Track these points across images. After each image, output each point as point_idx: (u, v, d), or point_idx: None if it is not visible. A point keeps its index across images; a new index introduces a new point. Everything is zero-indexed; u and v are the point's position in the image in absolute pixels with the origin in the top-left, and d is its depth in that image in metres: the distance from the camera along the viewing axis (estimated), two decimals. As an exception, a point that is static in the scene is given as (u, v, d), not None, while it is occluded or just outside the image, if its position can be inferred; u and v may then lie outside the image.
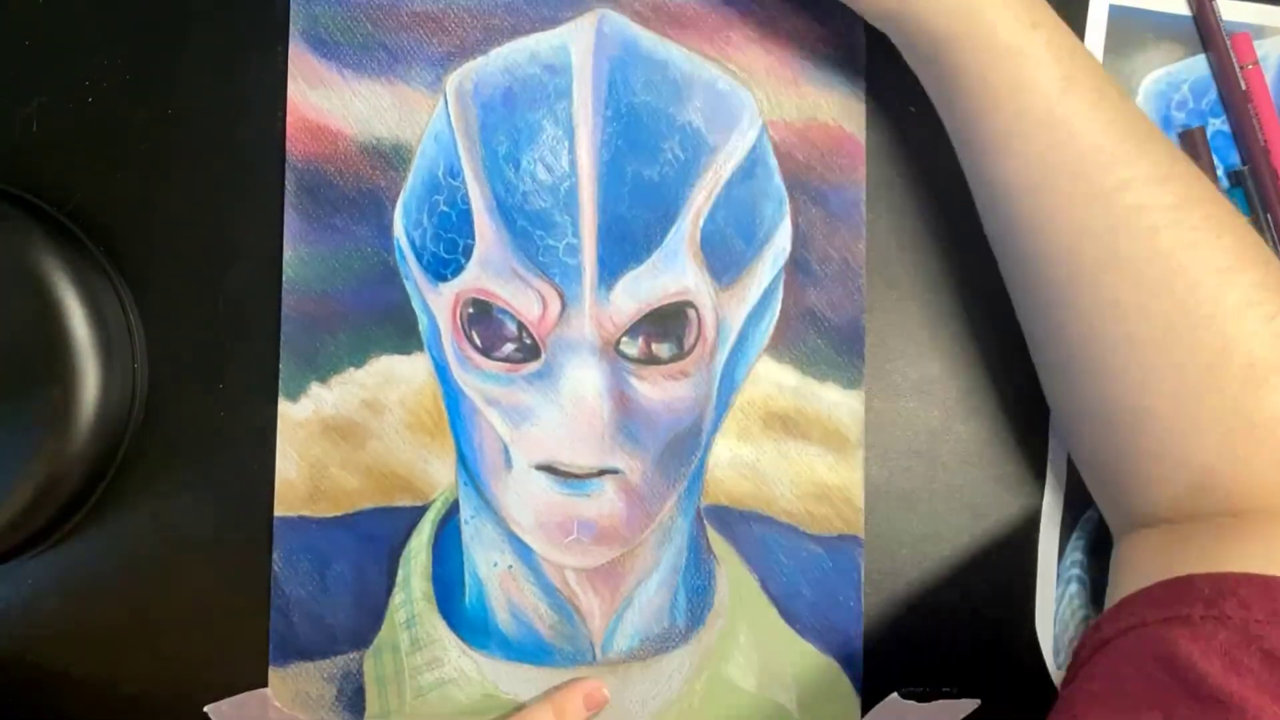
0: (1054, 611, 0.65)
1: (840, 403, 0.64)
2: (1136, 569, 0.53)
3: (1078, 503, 0.65)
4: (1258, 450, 0.51)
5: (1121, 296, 0.52)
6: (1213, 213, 0.52)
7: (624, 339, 0.63)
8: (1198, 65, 0.67)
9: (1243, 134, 0.65)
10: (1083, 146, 0.52)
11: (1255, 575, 0.47)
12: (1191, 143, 0.66)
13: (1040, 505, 0.65)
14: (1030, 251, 0.55)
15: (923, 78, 0.59)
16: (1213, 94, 0.67)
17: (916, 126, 0.65)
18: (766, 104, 0.64)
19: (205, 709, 0.63)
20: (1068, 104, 0.52)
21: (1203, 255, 0.51)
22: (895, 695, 0.64)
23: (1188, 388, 0.51)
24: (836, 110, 0.64)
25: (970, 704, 0.64)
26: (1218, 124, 0.67)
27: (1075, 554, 0.65)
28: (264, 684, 0.63)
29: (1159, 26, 0.66)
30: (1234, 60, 0.65)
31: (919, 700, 0.64)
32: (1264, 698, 0.43)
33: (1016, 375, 0.65)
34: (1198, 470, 0.52)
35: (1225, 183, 0.66)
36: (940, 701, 0.64)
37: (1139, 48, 0.67)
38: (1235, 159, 0.66)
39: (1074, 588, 0.65)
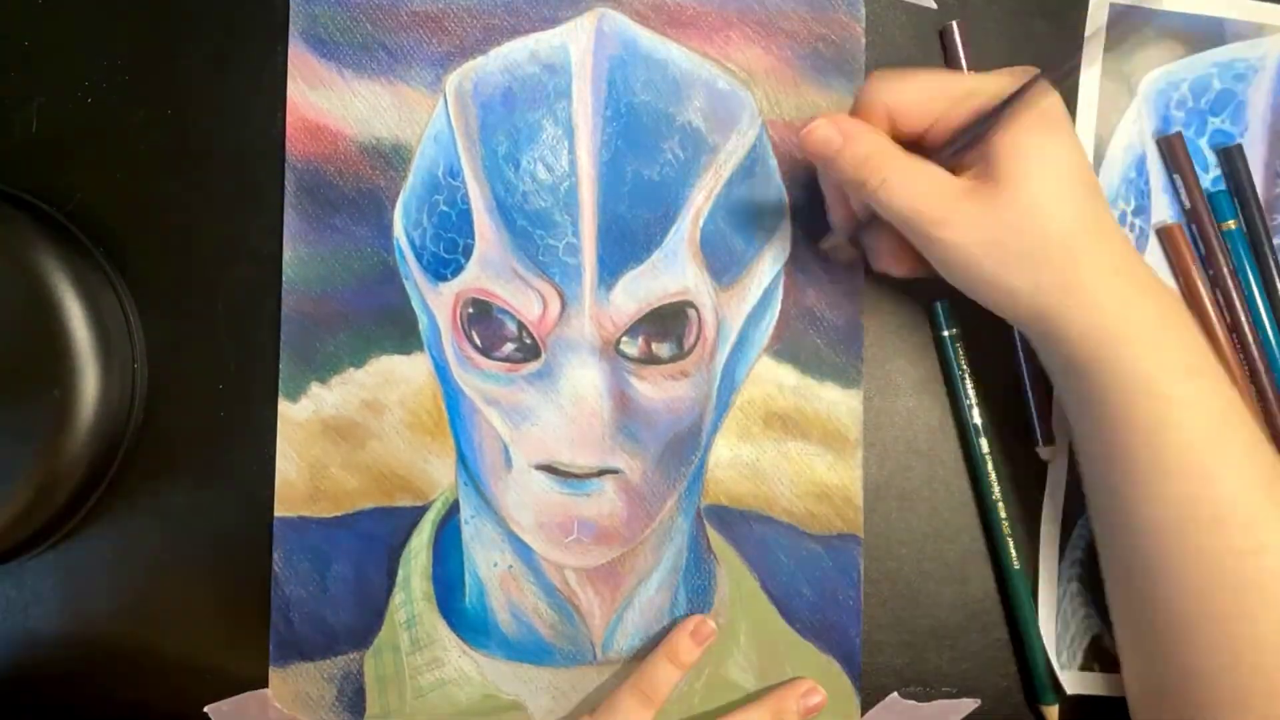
0: (1054, 611, 0.65)
1: (840, 402, 0.64)
2: None
3: (1077, 503, 0.65)
4: None
5: (1245, 653, 0.51)
6: None
7: (624, 339, 0.63)
8: (1197, 64, 0.67)
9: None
10: (1224, 503, 0.51)
11: None
12: (1170, 150, 0.66)
13: (1041, 505, 0.65)
14: (1151, 594, 0.54)
15: (1057, 386, 0.57)
16: (1212, 93, 0.67)
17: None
18: (766, 103, 0.64)
19: (205, 709, 0.63)
20: (1212, 460, 0.51)
21: None
22: (895, 695, 0.64)
23: None
24: (836, 110, 0.64)
25: (970, 704, 0.64)
26: (1216, 122, 0.67)
27: (1075, 553, 0.65)
28: (264, 684, 0.63)
29: (1159, 25, 0.66)
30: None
31: (919, 700, 0.64)
32: None
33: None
34: None
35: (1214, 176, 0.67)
36: (940, 701, 0.64)
37: (1139, 46, 0.67)
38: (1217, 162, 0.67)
39: (1074, 587, 0.65)
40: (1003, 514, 0.64)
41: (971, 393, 0.64)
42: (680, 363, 0.63)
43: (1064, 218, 0.51)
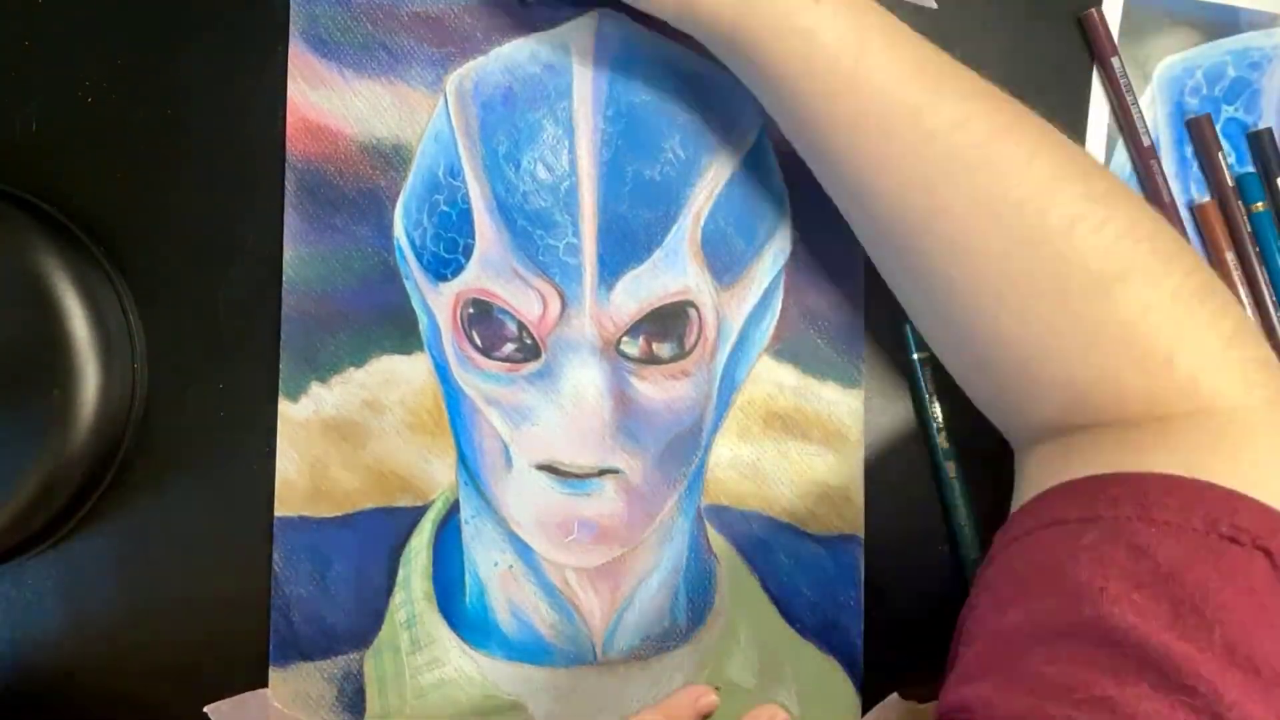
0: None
1: (840, 402, 0.64)
2: (1031, 481, 0.54)
3: None
4: (1116, 360, 0.51)
5: (955, 239, 0.52)
6: (1021, 139, 0.52)
7: (624, 339, 0.63)
8: (1212, 51, 0.67)
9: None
10: (885, 108, 0.52)
11: (1126, 474, 0.48)
12: (1199, 131, 0.66)
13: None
14: (865, 210, 0.56)
15: (729, 66, 0.59)
16: (1226, 80, 0.67)
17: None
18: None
19: (205, 709, 0.63)
20: (862, 71, 0.52)
21: (1018, 183, 0.51)
22: (895, 695, 0.64)
23: (1035, 310, 0.52)
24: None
25: (970, 704, 0.64)
26: (1231, 110, 0.67)
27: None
28: (264, 684, 0.63)
29: (1174, 12, 0.67)
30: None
31: (919, 700, 0.64)
32: (1125, 584, 0.44)
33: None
34: (1065, 387, 0.52)
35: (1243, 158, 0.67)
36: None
37: (1154, 33, 0.67)
38: (1245, 148, 0.67)
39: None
40: (969, 535, 0.64)
41: (940, 416, 0.64)
42: (681, 362, 0.63)
43: None
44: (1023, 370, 0.54)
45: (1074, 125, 0.66)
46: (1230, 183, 0.65)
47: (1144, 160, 0.65)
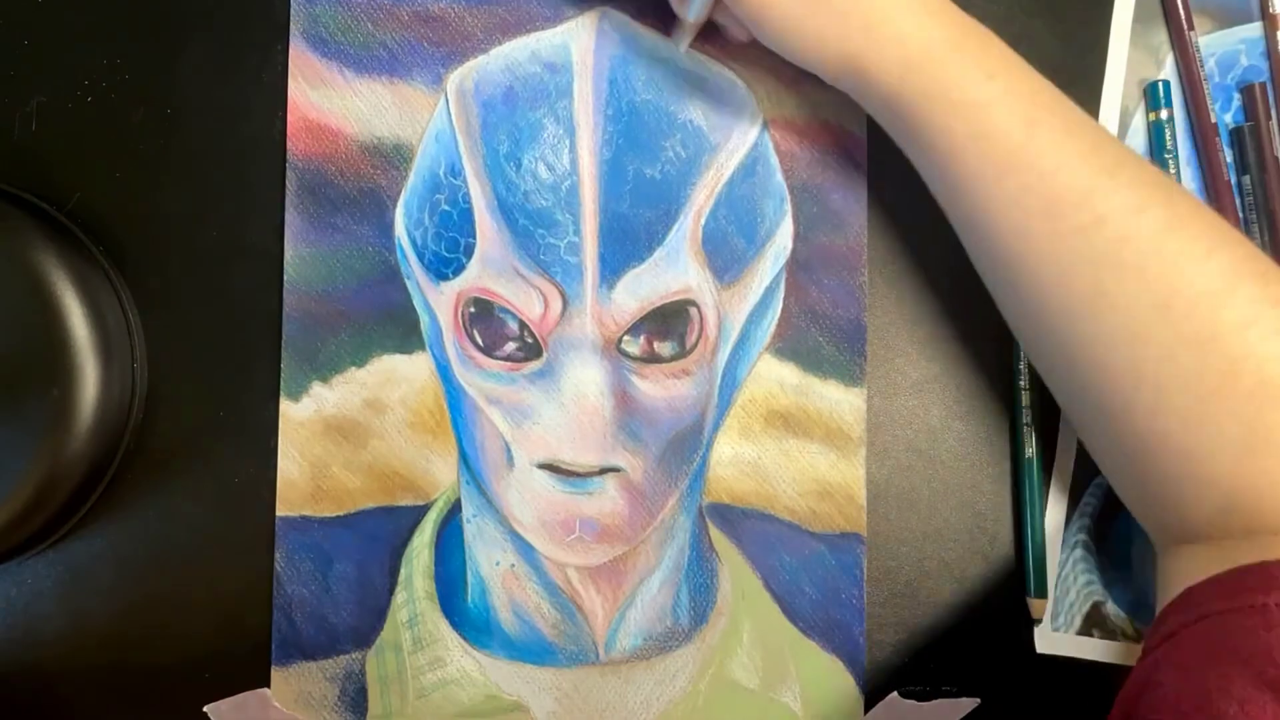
0: (1056, 577, 0.64)
1: (842, 400, 0.64)
2: (1183, 579, 0.52)
3: (1087, 470, 0.65)
4: (1278, 467, 0.50)
5: (1118, 328, 0.51)
6: (1199, 233, 0.51)
7: (625, 337, 0.63)
8: (1225, 39, 0.67)
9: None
10: (1054, 186, 0.52)
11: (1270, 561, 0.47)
12: (1251, 98, 0.66)
13: (1045, 506, 0.65)
14: (1021, 291, 0.55)
15: (886, 128, 0.58)
16: (1239, 68, 0.67)
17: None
18: (768, 101, 0.64)
19: (205, 709, 0.63)
20: (1032, 150, 0.52)
21: (1193, 279, 0.50)
22: (895, 695, 0.64)
23: (1199, 411, 0.50)
24: (837, 108, 0.64)
25: (970, 703, 0.64)
26: (1239, 101, 0.67)
27: (1083, 520, 0.65)
28: (266, 684, 0.63)
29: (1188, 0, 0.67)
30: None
31: (919, 700, 0.64)
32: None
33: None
34: (1223, 491, 0.51)
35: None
36: (940, 700, 0.64)
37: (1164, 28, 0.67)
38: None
39: (1079, 553, 0.65)
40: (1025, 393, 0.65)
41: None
42: (682, 361, 0.63)
43: None
44: (1179, 469, 0.52)
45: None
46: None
47: (1207, 138, 0.66)
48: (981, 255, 0.57)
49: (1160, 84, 0.65)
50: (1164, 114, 0.65)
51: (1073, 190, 0.51)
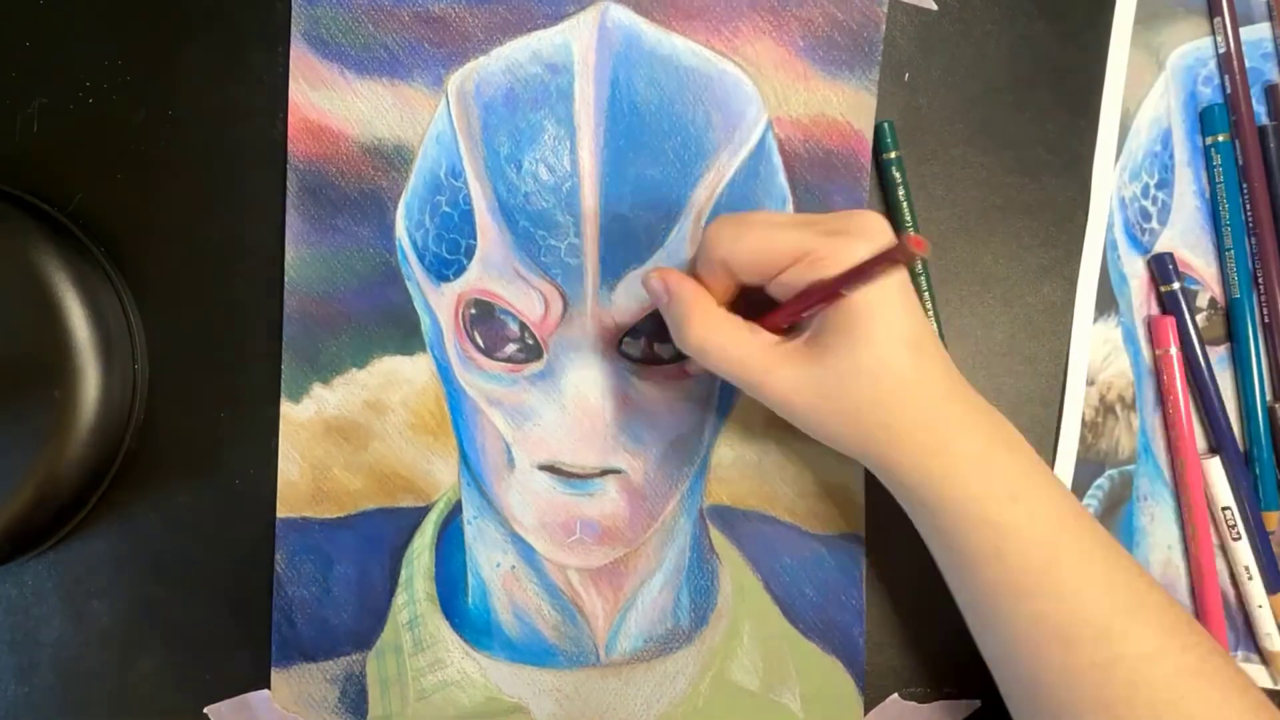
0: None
1: (842, 402, 0.64)
2: None
3: (1086, 476, 0.66)
4: None
5: None
6: (1211, 681, 0.51)
7: (626, 339, 0.63)
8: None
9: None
10: (1071, 619, 0.52)
11: None
12: (1275, 98, 0.67)
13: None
14: (1031, 701, 0.55)
15: (908, 512, 0.57)
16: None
17: (920, 125, 0.65)
18: (774, 98, 0.64)
19: (205, 709, 0.63)
20: (1051, 579, 0.52)
21: None
22: (895, 696, 0.64)
23: None
24: (846, 105, 0.64)
25: (970, 704, 0.65)
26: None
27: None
28: (266, 685, 0.63)
29: (1188, 1, 0.67)
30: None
31: (919, 701, 0.64)
32: None
33: (1019, 373, 0.65)
34: None
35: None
36: (940, 702, 0.65)
37: (1167, 21, 0.67)
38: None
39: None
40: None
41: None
42: (682, 363, 0.63)
43: (884, 381, 0.52)
44: None
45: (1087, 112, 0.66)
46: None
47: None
48: (993, 658, 0.57)
49: (1215, 107, 0.67)
50: (1220, 137, 0.66)
51: (1090, 626, 0.51)
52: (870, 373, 0.51)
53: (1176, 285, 0.66)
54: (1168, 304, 0.67)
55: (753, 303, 0.56)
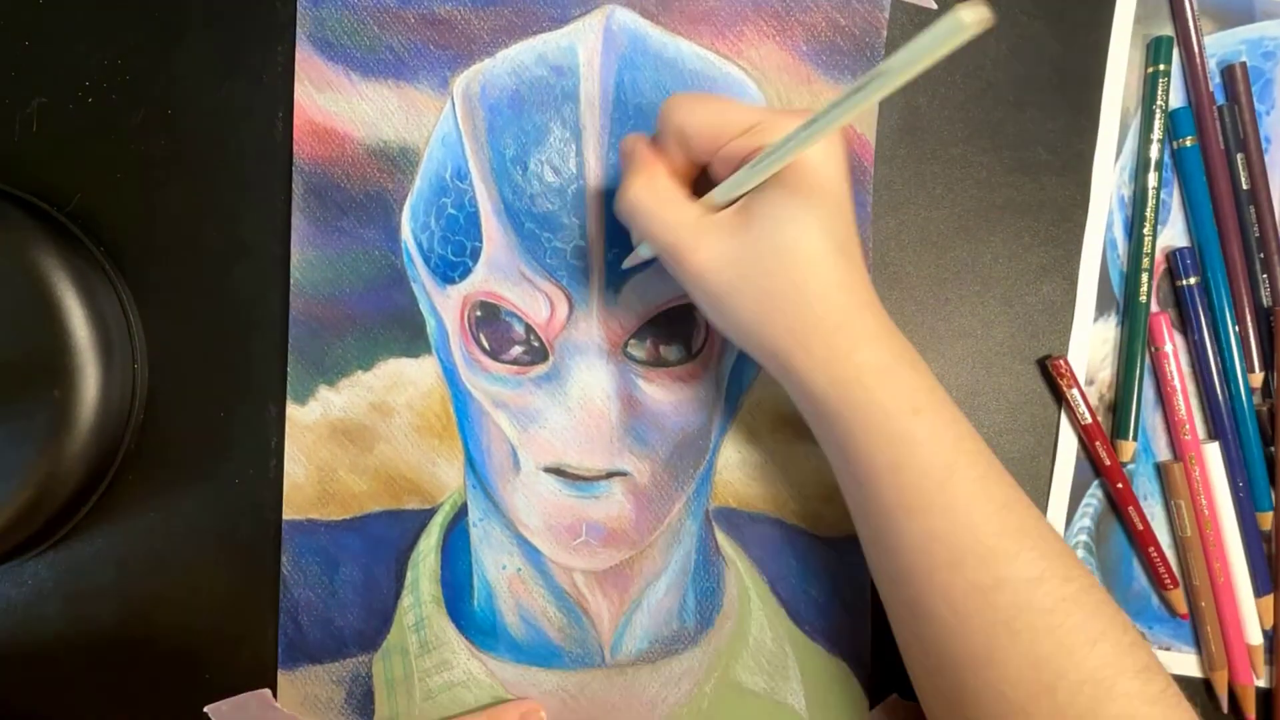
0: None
1: (846, 403, 0.64)
2: None
3: (1086, 474, 0.66)
4: None
5: (1005, 691, 0.51)
6: (1090, 614, 0.52)
7: (631, 341, 0.63)
8: (1227, 40, 0.68)
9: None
10: (961, 539, 0.52)
11: None
12: (1232, 78, 0.67)
13: (1045, 507, 0.66)
14: (919, 627, 0.55)
15: (804, 416, 0.57)
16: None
17: (920, 125, 0.65)
18: (777, 102, 0.64)
19: (205, 709, 0.63)
20: (946, 495, 0.52)
21: (1080, 662, 0.51)
22: (895, 696, 0.64)
23: None
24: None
25: (971, 702, 0.65)
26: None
27: (1083, 520, 0.66)
28: (267, 685, 0.63)
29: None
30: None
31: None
32: None
33: (1019, 374, 0.65)
34: None
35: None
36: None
37: (1168, 20, 0.67)
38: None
39: (1079, 553, 0.66)
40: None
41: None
42: (688, 365, 0.63)
43: (803, 270, 0.51)
44: None
45: (1088, 115, 0.67)
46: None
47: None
48: (882, 575, 0.57)
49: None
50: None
51: (979, 546, 0.51)
52: (791, 253, 0.51)
53: (1194, 280, 0.66)
54: (1183, 299, 0.67)
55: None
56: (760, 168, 0.49)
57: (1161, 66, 0.66)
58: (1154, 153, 0.66)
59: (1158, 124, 0.66)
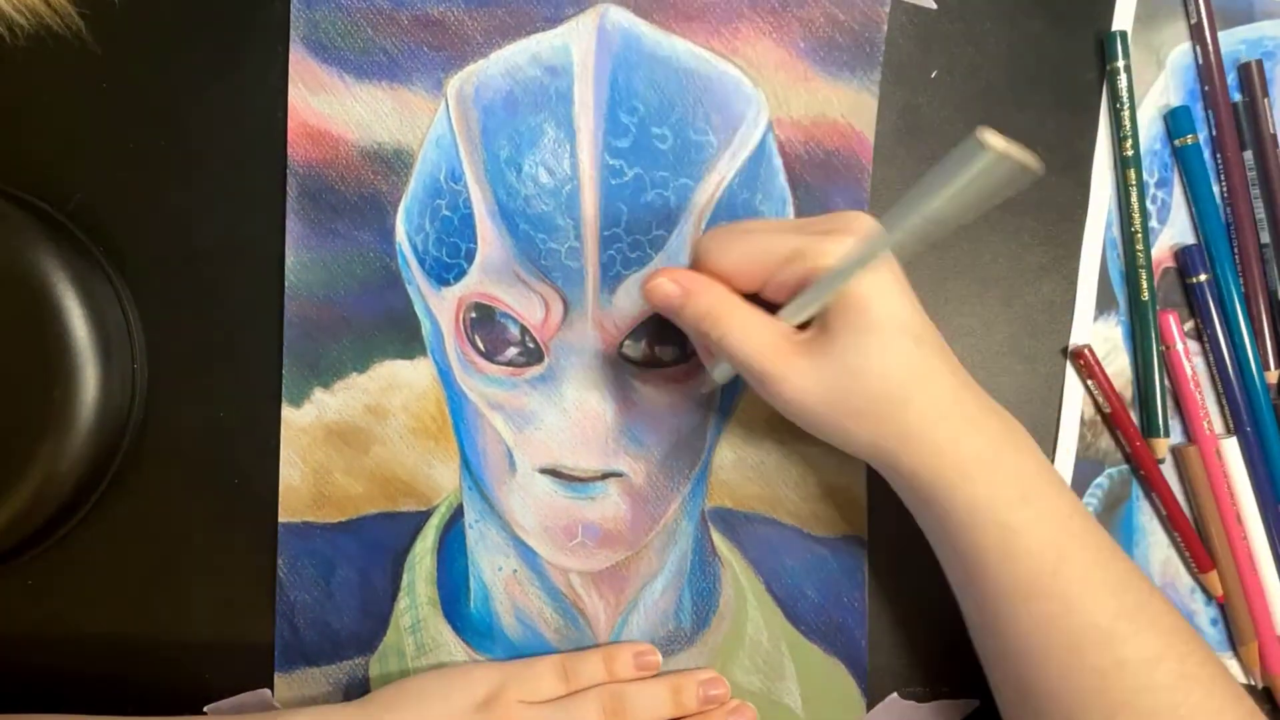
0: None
1: (844, 403, 0.64)
2: None
3: (1087, 472, 0.66)
4: None
5: None
6: (1211, 689, 0.52)
7: (627, 342, 0.63)
8: (1226, 39, 0.67)
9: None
10: (1078, 623, 0.52)
11: None
12: (1249, 76, 0.67)
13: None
14: (1028, 701, 0.55)
15: (910, 508, 0.58)
16: (1239, 69, 0.68)
17: (920, 125, 0.65)
18: (774, 100, 0.64)
19: (205, 709, 0.63)
20: (1060, 581, 0.52)
21: None
22: (895, 695, 0.64)
23: None
24: (847, 106, 0.64)
25: (969, 704, 0.65)
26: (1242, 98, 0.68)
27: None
28: (267, 685, 0.63)
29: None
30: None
31: (918, 700, 0.65)
32: None
33: (1019, 373, 0.65)
34: None
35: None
36: (939, 701, 0.65)
37: (1168, 20, 0.67)
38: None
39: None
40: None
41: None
42: (683, 365, 0.63)
43: (892, 373, 0.52)
44: None
45: (1082, 132, 0.66)
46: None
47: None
48: (994, 662, 0.57)
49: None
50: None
51: (1096, 629, 0.52)
52: (879, 361, 0.52)
53: (1204, 277, 0.66)
54: (1194, 296, 0.67)
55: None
56: (823, 292, 0.51)
57: (1119, 64, 0.66)
58: (1129, 150, 0.66)
59: (1126, 120, 0.66)
